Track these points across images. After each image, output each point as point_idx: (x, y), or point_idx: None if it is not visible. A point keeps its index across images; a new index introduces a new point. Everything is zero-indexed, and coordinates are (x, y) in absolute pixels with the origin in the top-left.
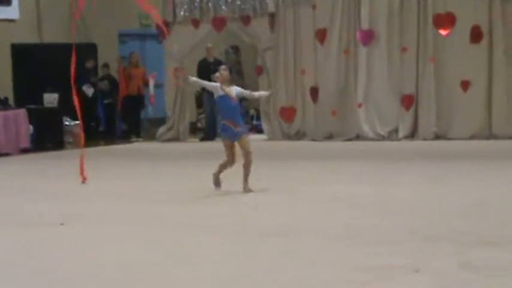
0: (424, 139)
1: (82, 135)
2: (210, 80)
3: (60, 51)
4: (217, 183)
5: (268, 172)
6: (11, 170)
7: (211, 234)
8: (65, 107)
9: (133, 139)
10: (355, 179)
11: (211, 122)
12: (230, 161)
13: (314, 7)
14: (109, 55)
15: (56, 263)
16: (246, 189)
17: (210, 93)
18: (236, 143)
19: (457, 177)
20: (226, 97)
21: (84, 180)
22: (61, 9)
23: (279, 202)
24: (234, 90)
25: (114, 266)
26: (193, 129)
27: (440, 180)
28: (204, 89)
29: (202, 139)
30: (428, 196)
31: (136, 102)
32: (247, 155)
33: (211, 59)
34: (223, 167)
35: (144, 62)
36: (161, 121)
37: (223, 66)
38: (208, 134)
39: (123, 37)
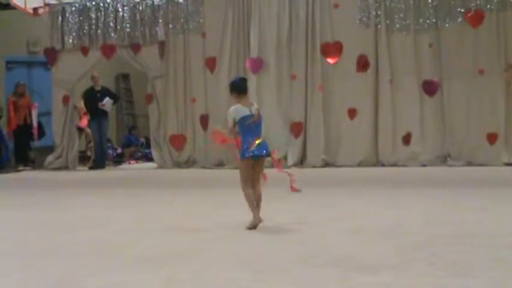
0: (313, 166)
1: None
2: (96, 108)
3: None
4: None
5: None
6: None
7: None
8: None
9: (20, 168)
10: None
11: (101, 149)
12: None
13: (204, 35)
14: None
15: None
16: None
17: (98, 121)
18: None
19: (342, 204)
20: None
21: None
22: None
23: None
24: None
25: None
26: (82, 158)
27: (325, 206)
28: (91, 118)
29: (91, 167)
30: (312, 222)
31: (24, 131)
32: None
33: (98, 88)
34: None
35: (32, 90)
36: (50, 149)
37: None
38: (98, 162)
39: (11, 64)
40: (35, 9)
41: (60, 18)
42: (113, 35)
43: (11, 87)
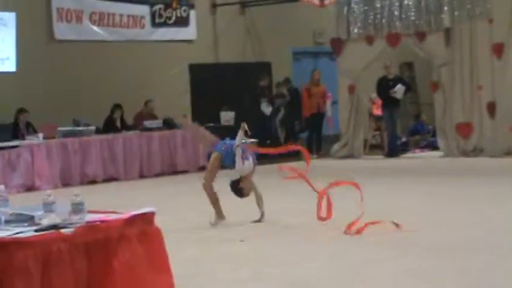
0: None
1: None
2: (387, 97)
3: (236, 70)
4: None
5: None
6: (191, 188)
7: None
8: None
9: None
10: None
11: (393, 138)
12: None
13: (491, 21)
14: (283, 73)
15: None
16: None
17: (389, 110)
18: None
19: None
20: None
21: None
22: (237, 29)
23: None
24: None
25: None
26: (368, 146)
27: None
28: (383, 106)
29: (387, 156)
30: None
31: (317, 119)
32: None
33: (390, 76)
34: None
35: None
36: (336, 138)
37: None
38: (391, 150)
39: (297, 55)
40: (321, 1)
41: (345, 8)
42: (397, 23)
43: (298, 77)
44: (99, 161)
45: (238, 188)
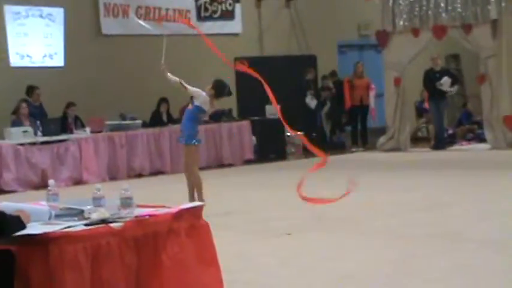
0: None
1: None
2: (434, 89)
3: (281, 63)
4: None
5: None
6: (236, 181)
7: None
8: (287, 118)
9: (353, 149)
10: None
11: (440, 130)
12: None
13: None
14: (328, 66)
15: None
16: None
17: (436, 102)
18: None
19: None
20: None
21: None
22: (282, 22)
23: None
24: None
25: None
26: (414, 139)
27: None
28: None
29: (433, 148)
30: None
31: (360, 112)
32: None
33: (437, 68)
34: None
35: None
36: (381, 131)
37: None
38: (438, 142)
39: (343, 48)
40: None
41: (391, 0)
42: (444, 15)
43: (344, 70)
44: (145, 155)
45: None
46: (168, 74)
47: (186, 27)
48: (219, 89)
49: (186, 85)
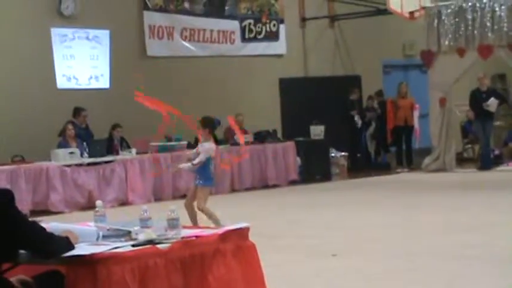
0: None
1: None
2: (481, 109)
3: (326, 84)
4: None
5: None
6: (281, 202)
7: None
8: (331, 139)
9: (398, 170)
10: None
11: (486, 150)
12: None
13: None
14: (373, 86)
15: None
16: None
17: (482, 122)
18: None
19: None
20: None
21: None
22: (326, 43)
23: None
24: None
25: None
26: (460, 160)
27: None
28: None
29: (480, 168)
30: None
31: (404, 132)
32: None
33: (484, 88)
34: None
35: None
36: (426, 151)
37: None
38: (484, 163)
39: (387, 68)
40: (411, 13)
41: (436, 20)
42: (489, 35)
43: (389, 90)
44: (191, 176)
45: None
46: (179, 166)
47: (230, 47)
48: (210, 124)
49: (197, 160)
